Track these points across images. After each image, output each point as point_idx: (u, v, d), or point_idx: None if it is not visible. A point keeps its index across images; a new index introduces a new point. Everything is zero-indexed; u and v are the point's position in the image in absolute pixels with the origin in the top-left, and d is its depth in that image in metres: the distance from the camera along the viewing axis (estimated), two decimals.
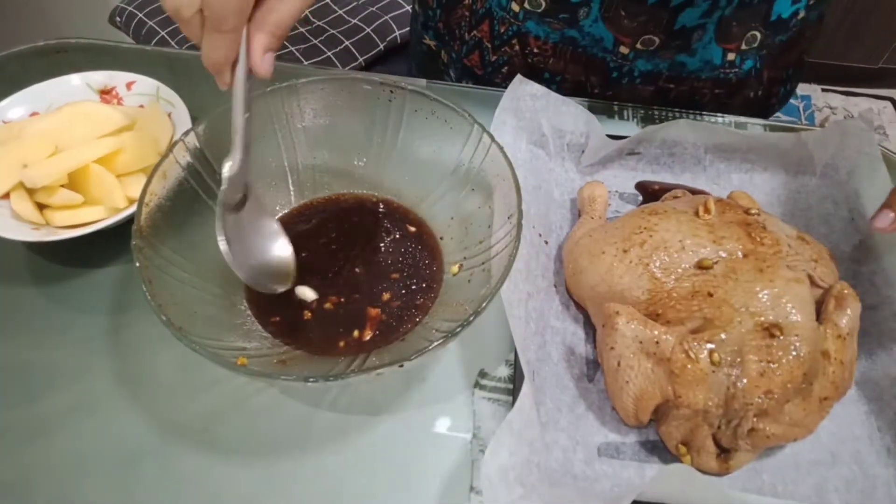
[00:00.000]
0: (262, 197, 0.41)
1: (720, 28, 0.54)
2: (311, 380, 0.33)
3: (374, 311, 0.42)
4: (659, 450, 0.40)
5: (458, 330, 0.34)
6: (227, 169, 0.37)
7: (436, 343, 0.34)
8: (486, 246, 0.42)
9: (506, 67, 0.61)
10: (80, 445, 0.39)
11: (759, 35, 0.56)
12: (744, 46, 0.56)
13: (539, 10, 0.55)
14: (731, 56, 0.57)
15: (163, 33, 0.91)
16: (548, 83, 0.59)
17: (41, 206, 0.45)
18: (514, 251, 0.37)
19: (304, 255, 0.44)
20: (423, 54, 0.69)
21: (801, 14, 0.57)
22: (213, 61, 0.34)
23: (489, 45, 0.60)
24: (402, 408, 0.41)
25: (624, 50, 0.56)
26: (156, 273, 0.37)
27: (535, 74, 0.59)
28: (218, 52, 0.33)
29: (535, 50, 0.59)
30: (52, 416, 0.40)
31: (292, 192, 0.48)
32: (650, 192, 0.51)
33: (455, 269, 0.44)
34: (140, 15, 0.94)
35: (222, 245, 0.37)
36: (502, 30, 0.58)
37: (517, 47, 0.59)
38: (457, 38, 0.62)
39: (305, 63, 0.86)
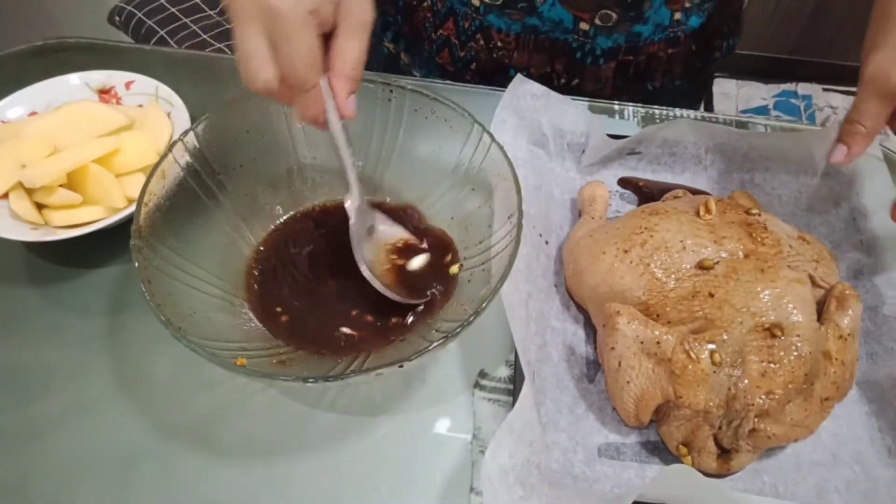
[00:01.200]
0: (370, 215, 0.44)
1: None
2: (311, 380, 0.33)
3: (377, 314, 0.42)
4: (659, 451, 0.39)
5: (458, 330, 0.34)
6: (350, 203, 0.41)
7: (436, 343, 0.34)
8: (486, 246, 0.42)
9: (474, 64, 0.62)
10: (77, 447, 0.39)
11: None
12: (687, 4, 0.58)
13: (498, 3, 0.57)
14: (677, 15, 0.58)
15: (162, 33, 0.91)
16: None
17: (40, 206, 0.45)
18: (515, 251, 0.37)
19: (308, 256, 0.44)
20: (385, 57, 0.70)
21: None
22: (309, 117, 0.37)
23: (456, 42, 0.62)
24: (401, 408, 0.41)
25: (584, 26, 0.58)
26: (154, 273, 0.36)
27: (500, 70, 0.60)
28: (309, 108, 0.36)
29: (499, 43, 0.60)
30: (49, 417, 0.40)
31: (292, 193, 0.47)
32: (635, 188, 0.52)
33: (455, 269, 0.44)
34: (139, 14, 0.94)
35: (366, 273, 0.40)
36: (466, 25, 0.60)
37: (482, 42, 0.60)
38: (424, 38, 0.63)
39: None
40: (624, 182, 0.52)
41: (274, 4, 0.32)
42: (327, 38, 0.35)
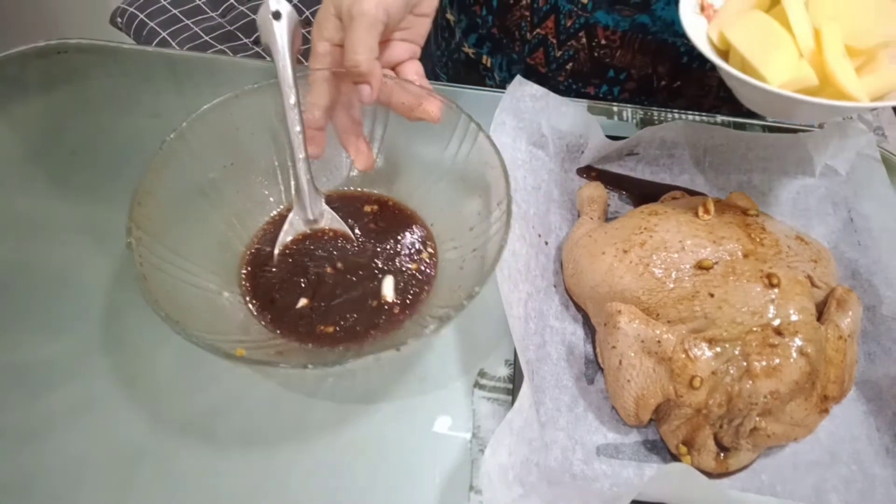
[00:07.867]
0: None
1: None
2: (311, 366, 0.33)
3: (371, 303, 0.42)
4: (658, 449, 0.40)
5: (452, 315, 0.35)
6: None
7: (431, 328, 0.34)
8: (476, 233, 0.42)
9: (570, 64, 0.61)
10: (78, 444, 0.39)
11: None
12: None
13: None
14: None
15: (164, 34, 0.91)
16: (612, 82, 0.58)
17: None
18: (505, 237, 0.37)
19: (302, 249, 0.44)
20: (462, 63, 0.69)
21: None
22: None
23: (554, 42, 0.60)
24: (401, 407, 0.41)
25: None
26: (151, 269, 0.37)
27: (599, 71, 0.57)
28: None
29: (603, 41, 0.58)
30: (49, 415, 0.40)
31: (284, 187, 0.47)
32: (592, 178, 0.53)
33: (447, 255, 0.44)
34: (141, 16, 0.94)
35: None
36: (569, 23, 0.58)
37: (584, 40, 0.58)
38: (517, 38, 0.62)
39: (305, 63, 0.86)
40: (581, 171, 0.53)
41: None
42: None
